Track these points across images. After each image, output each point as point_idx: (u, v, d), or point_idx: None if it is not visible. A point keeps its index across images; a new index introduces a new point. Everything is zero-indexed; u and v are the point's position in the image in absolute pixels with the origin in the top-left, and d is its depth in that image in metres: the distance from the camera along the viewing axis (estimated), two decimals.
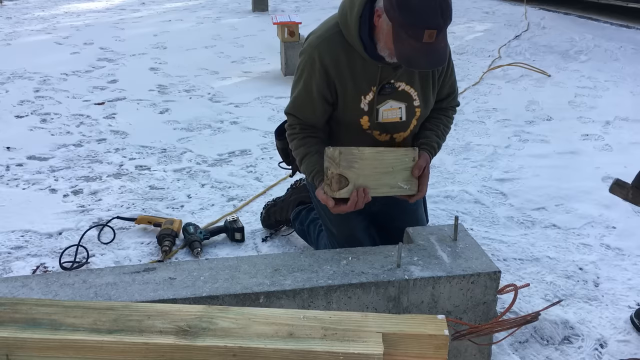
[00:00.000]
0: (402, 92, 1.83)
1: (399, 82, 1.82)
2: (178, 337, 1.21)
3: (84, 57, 6.03)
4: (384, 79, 1.79)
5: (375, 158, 1.79)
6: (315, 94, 1.83)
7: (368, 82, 1.80)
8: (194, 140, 3.84)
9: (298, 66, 1.89)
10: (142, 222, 2.67)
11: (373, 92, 1.81)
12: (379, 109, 1.84)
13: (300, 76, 1.87)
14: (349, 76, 1.79)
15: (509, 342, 1.97)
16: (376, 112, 1.85)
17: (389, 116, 1.86)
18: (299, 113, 1.90)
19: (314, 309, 1.62)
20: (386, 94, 1.82)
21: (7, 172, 3.31)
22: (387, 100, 1.83)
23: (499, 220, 2.80)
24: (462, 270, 1.70)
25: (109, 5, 9.63)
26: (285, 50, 5.22)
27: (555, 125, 4.04)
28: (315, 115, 1.88)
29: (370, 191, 1.77)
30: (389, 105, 1.84)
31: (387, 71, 1.79)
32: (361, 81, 1.80)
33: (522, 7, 8.35)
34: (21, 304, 1.31)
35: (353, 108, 1.85)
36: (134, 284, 1.62)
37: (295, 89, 1.90)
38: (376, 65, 1.77)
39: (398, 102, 1.85)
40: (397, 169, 1.83)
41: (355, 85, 1.81)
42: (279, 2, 9.63)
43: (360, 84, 1.81)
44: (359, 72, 1.79)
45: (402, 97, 1.85)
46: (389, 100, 1.83)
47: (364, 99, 1.82)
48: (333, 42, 1.78)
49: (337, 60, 1.78)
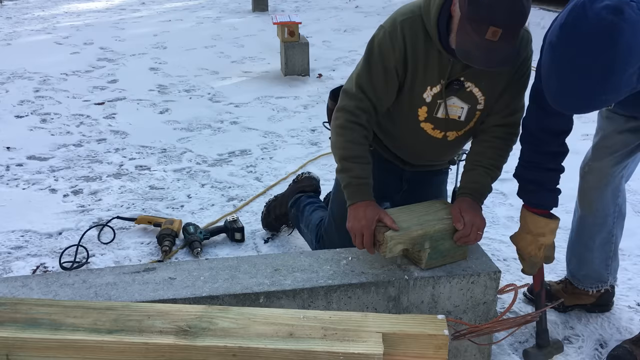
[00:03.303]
0: (470, 92, 1.77)
1: (468, 82, 1.75)
2: (178, 337, 1.21)
3: (84, 57, 6.03)
4: (454, 75, 1.74)
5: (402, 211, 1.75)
6: (393, 66, 1.75)
7: (439, 74, 1.74)
8: (194, 140, 3.85)
9: (372, 40, 1.79)
10: (142, 222, 2.67)
11: (441, 85, 1.75)
12: (441, 103, 1.78)
13: (379, 47, 1.76)
14: (422, 62, 1.74)
15: (509, 342, 1.97)
16: (438, 106, 1.79)
17: (450, 112, 1.80)
18: (369, 86, 1.78)
19: (314, 309, 1.62)
20: (453, 91, 1.77)
21: (7, 172, 3.31)
22: (451, 97, 1.77)
23: (499, 220, 2.80)
24: (462, 270, 1.70)
25: (109, 5, 9.63)
26: (285, 50, 5.22)
27: None
28: (387, 90, 1.79)
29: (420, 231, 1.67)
30: (453, 102, 1.78)
31: (458, 67, 1.73)
32: (432, 71, 1.75)
33: None
34: (21, 304, 1.31)
35: (416, 96, 1.79)
36: (134, 284, 1.62)
37: (368, 62, 1.78)
38: (448, 59, 1.72)
39: (462, 102, 1.79)
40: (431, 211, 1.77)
41: (425, 73, 1.75)
42: (279, 2, 9.63)
43: (431, 74, 1.75)
44: (432, 61, 1.74)
45: (468, 98, 1.78)
46: (453, 97, 1.77)
47: (430, 90, 1.77)
48: (415, 24, 1.72)
49: (415, 43, 1.72)
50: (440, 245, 1.69)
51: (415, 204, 1.81)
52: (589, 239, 2.01)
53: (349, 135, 1.78)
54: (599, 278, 2.05)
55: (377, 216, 1.67)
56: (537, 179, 1.74)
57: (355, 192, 1.75)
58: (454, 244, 1.71)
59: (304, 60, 5.27)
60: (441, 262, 1.71)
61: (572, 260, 2.10)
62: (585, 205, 1.99)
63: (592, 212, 1.97)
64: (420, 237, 1.65)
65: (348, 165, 1.77)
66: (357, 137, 1.78)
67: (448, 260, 1.72)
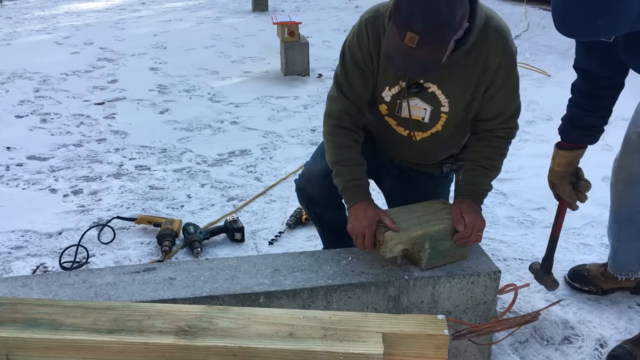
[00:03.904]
0: (432, 94, 1.76)
1: (430, 84, 1.74)
2: (178, 337, 1.21)
3: (84, 57, 6.03)
4: (414, 78, 1.73)
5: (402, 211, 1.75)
6: (364, 64, 1.76)
7: (397, 75, 1.74)
8: (194, 140, 3.85)
9: (344, 42, 1.81)
10: (142, 222, 2.67)
11: (400, 87, 1.75)
12: (401, 103, 1.78)
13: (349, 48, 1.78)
14: (383, 62, 1.74)
15: (509, 342, 1.97)
16: (398, 106, 1.79)
17: (412, 113, 1.80)
18: (347, 87, 1.80)
19: (314, 309, 1.62)
20: (412, 93, 1.76)
21: (7, 172, 3.31)
22: (414, 98, 1.77)
23: (499, 220, 2.80)
24: (462, 270, 1.70)
25: (109, 5, 9.63)
26: (285, 50, 5.22)
27: (555, 125, 3.95)
28: (365, 87, 1.80)
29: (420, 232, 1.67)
30: (415, 103, 1.78)
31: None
32: (390, 72, 1.75)
33: (522, 7, 8.35)
34: (21, 304, 1.31)
35: (377, 93, 1.81)
36: (134, 284, 1.62)
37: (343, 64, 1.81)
38: None
39: (425, 103, 1.78)
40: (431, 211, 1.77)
41: (385, 73, 1.76)
42: (279, 2, 9.63)
43: (390, 75, 1.75)
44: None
45: (430, 100, 1.77)
46: (416, 98, 1.77)
47: (388, 90, 1.78)
48: (377, 22, 1.72)
49: (377, 42, 1.73)
50: (440, 246, 1.69)
51: (415, 204, 1.81)
52: (619, 230, 2.07)
53: (336, 141, 1.81)
54: (629, 268, 2.12)
55: (378, 216, 1.67)
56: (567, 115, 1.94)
57: (352, 194, 1.77)
58: (454, 244, 1.71)
59: (304, 60, 5.27)
60: (441, 262, 1.71)
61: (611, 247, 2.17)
62: (614, 199, 2.07)
63: (620, 206, 2.04)
64: (420, 237, 1.65)
65: (340, 169, 1.79)
66: (344, 141, 1.81)
67: (448, 260, 1.72)
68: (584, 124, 1.89)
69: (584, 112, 1.87)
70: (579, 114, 1.89)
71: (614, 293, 2.21)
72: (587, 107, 1.86)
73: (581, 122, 1.89)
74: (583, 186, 1.96)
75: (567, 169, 1.95)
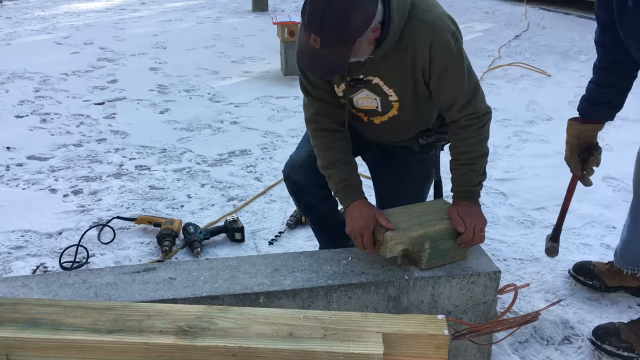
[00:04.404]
0: (377, 86, 1.77)
1: (372, 77, 1.75)
2: (178, 337, 1.21)
3: (84, 57, 6.03)
4: (354, 74, 1.75)
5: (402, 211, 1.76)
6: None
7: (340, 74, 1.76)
8: (194, 140, 3.85)
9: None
10: (142, 222, 2.67)
11: (345, 84, 1.78)
12: (352, 97, 1.81)
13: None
14: None
15: (509, 342, 1.97)
16: (350, 100, 1.82)
17: (365, 104, 1.83)
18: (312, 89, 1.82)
19: (314, 309, 1.62)
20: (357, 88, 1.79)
21: (7, 172, 3.31)
22: (362, 89, 1.79)
23: (499, 220, 2.80)
24: (462, 270, 1.70)
25: (109, 5, 9.63)
26: (285, 50, 5.22)
27: (555, 125, 4.03)
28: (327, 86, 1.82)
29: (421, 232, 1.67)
30: (365, 94, 1.80)
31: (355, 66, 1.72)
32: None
33: (522, 7, 8.36)
34: (21, 304, 1.31)
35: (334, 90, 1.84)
36: (134, 284, 1.62)
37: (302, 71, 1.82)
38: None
39: (374, 94, 1.80)
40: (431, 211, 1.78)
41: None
42: (279, 2, 9.63)
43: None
44: None
45: (377, 91, 1.79)
46: (364, 89, 1.79)
47: (337, 87, 1.81)
48: None
49: None
50: (440, 245, 1.69)
51: (415, 204, 1.82)
52: (637, 222, 2.07)
53: (321, 144, 1.84)
54: (636, 262, 2.12)
55: (373, 214, 1.68)
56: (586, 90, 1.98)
57: (345, 195, 1.78)
58: (454, 244, 1.71)
59: None
60: (441, 262, 1.71)
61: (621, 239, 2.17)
62: (635, 189, 2.07)
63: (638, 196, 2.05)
64: (420, 237, 1.65)
65: (329, 172, 1.82)
66: (327, 143, 1.83)
67: (448, 260, 1.73)
68: (596, 100, 1.94)
69: (596, 88, 1.93)
70: (592, 89, 1.95)
71: (616, 292, 2.20)
72: (600, 83, 1.92)
73: (593, 97, 1.95)
74: (591, 160, 2.00)
75: (576, 141, 1.99)
